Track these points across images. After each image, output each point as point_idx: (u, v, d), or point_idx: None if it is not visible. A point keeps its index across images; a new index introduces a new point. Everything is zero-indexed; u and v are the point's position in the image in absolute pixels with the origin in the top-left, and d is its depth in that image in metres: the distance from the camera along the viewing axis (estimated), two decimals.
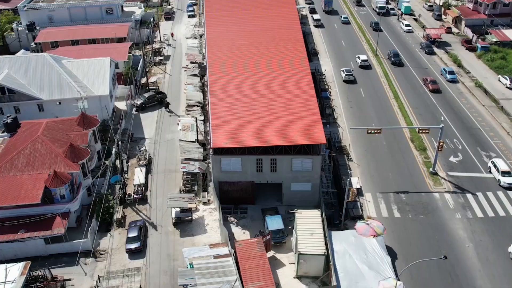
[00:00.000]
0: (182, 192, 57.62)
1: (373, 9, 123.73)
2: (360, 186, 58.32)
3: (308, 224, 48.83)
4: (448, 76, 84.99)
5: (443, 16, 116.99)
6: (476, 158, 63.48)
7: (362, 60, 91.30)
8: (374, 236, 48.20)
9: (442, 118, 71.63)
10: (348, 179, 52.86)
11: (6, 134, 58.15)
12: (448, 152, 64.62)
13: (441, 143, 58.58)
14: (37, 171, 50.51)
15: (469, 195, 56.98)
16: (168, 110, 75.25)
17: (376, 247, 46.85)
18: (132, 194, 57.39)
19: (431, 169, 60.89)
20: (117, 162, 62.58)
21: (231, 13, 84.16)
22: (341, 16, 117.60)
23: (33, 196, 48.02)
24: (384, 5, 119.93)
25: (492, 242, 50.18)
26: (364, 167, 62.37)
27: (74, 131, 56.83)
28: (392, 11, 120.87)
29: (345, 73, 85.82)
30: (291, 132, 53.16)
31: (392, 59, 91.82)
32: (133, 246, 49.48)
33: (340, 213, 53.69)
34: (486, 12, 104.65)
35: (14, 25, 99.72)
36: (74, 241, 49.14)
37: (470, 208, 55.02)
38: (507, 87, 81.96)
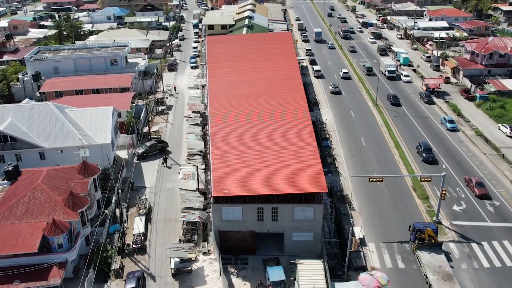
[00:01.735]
0: (182, 242, 56.68)
1: (383, 73, 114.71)
2: (363, 235, 57.35)
3: (310, 275, 47.66)
4: (448, 125, 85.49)
5: (441, 67, 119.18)
6: (480, 207, 62.75)
7: (343, 72, 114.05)
8: (379, 287, 46.89)
9: (444, 167, 71.37)
10: (350, 229, 52.06)
11: (6, 182, 57.95)
12: (451, 201, 63.99)
13: (444, 192, 58.08)
14: (36, 219, 49.91)
15: (474, 245, 55.89)
16: (166, 165, 74.44)
17: None
18: (131, 244, 56.45)
19: (434, 218, 60.06)
20: (117, 211, 61.98)
21: (232, 64, 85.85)
22: (327, 43, 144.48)
23: (31, 245, 47.18)
24: (393, 68, 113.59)
25: None
26: (366, 216, 61.60)
27: (74, 179, 56.63)
28: (406, 78, 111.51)
29: (332, 86, 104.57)
30: (292, 181, 52.89)
31: (424, 154, 74.14)
32: None
33: (343, 263, 52.44)
34: (483, 63, 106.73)
35: (20, 75, 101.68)
36: None
37: (476, 258, 53.82)
38: (507, 136, 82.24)
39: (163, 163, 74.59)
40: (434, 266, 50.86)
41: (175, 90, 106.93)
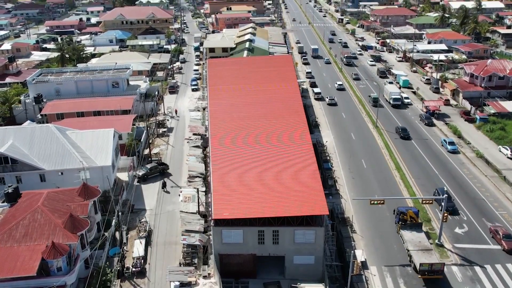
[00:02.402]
0: (182, 265, 56.17)
1: (387, 101, 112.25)
2: (365, 258, 56.83)
3: None
4: (449, 147, 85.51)
5: (441, 89, 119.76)
6: (482, 229, 62.31)
7: (338, 84, 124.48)
8: None
9: (445, 189, 71.08)
10: (352, 252, 51.61)
11: (6, 204, 57.71)
12: (453, 223, 63.58)
13: (446, 214, 57.77)
14: (35, 242, 49.50)
15: (477, 268, 55.33)
16: (165, 190, 73.54)
17: None
18: (131, 267, 55.92)
19: (437, 241, 59.60)
20: (117, 233, 61.55)
21: (233, 87, 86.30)
22: (323, 59, 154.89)
23: (29, 268, 46.68)
24: (398, 96, 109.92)
25: None
26: (368, 239, 61.14)
27: (74, 201, 56.40)
28: (406, 101, 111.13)
29: (329, 98, 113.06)
30: (293, 203, 52.69)
31: (448, 209, 64.55)
32: None
33: (345, 287, 51.88)
34: (483, 85, 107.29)
35: (22, 97, 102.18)
36: None
37: (479, 281, 53.22)
38: (508, 157, 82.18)
39: (162, 188, 73.94)
40: (414, 241, 57.05)
41: (176, 113, 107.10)
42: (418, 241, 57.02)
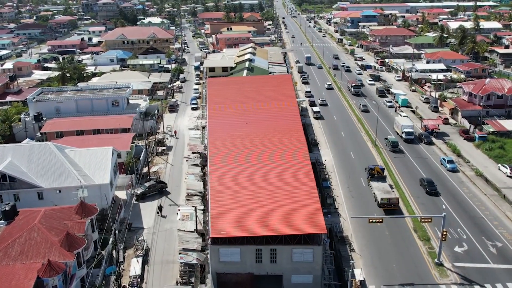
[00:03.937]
0: (179, 284, 55.61)
1: (399, 135, 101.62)
2: (364, 278, 56.18)
3: None
4: (448, 166, 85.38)
5: (440, 108, 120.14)
6: (482, 248, 61.83)
7: (328, 84, 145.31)
8: None
9: (444, 207, 70.76)
10: (350, 271, 51.14)
11: (3, 222, 57.42)
12: (452, 242, 63.10)
13: (445, 233, 57.39)
14: (31, 260, 49.19)
15: (477, 287, 54.71)
16: (160, 215, 72.26)
17: None
18: (127, 286, 55.38)
19: (436, 260, 59.08)
20: (114, 252, 61.12)
21: (233, 106, 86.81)
22: (316, 65, 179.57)
23: (24, 287, 46.25)
24: (411, 130, 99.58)
25: None
26: (367, 258, 60.62)
27: (72, 219, 56.17)
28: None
29: (320, 100, 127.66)
30: (291, 222, 52.47)
31: None
32: None
33: None
34: (481, 104, 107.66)
35: (22, 116, 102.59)
36: None
37: None
38: (507, 176, 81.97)
39: (157, 213, 72.58)
40: (379, 188, 73.99)
41: (175, 134, 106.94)
42: (382, 187, 73.98)
